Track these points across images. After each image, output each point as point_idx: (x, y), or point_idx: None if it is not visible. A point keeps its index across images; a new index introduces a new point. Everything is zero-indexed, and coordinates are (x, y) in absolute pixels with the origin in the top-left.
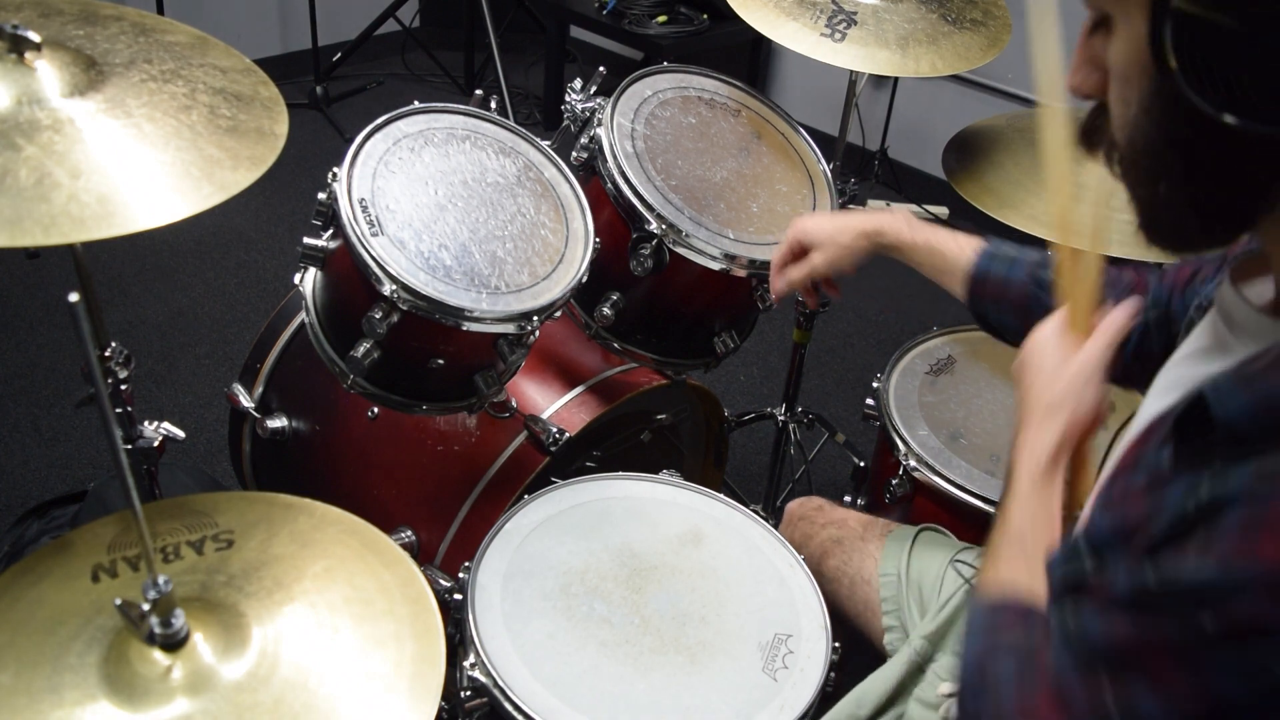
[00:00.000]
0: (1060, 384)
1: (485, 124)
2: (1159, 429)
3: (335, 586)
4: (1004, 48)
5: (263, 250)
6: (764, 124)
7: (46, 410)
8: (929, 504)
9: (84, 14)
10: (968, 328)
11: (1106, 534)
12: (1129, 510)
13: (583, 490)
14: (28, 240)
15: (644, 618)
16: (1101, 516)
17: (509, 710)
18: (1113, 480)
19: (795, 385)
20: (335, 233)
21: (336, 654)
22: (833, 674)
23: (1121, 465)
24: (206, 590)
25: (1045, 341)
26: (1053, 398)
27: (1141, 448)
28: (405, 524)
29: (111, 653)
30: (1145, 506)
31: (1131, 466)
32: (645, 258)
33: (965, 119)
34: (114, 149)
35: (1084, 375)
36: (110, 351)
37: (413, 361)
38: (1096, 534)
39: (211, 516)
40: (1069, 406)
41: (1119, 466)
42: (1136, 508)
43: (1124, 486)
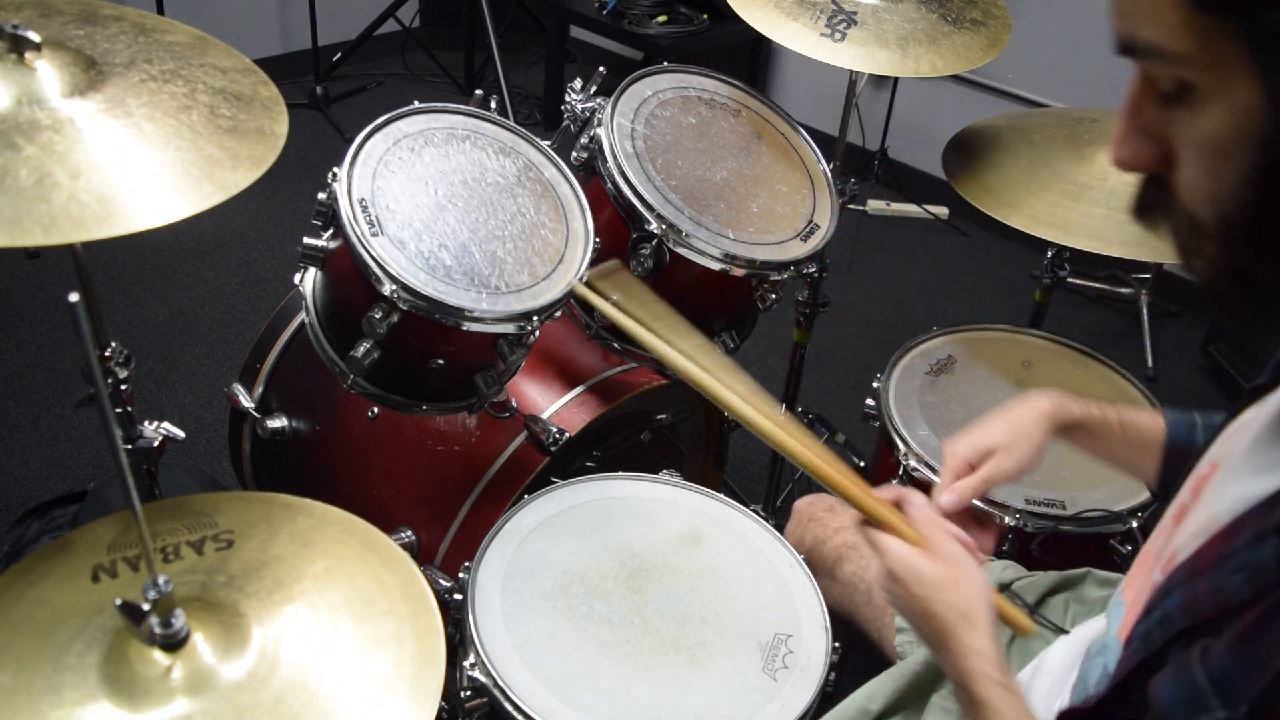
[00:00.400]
0: (954, 590)
1: (485, 124)
2: (1254, 521)
3: (335, 586)
4: (1004, 48)
5: (263, 250)
6: (764, 124)
7: (46, 410)
8: None
9: (84, 14)
10: (968, 327)
11: (1233, 670)
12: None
13: (583, 490)
14: (28, 240)
15: (644, 618)
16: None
17: (509, 710)
18: (1193, 575)
19: (795, 385)
20: (335, 233)
21: (336, 654)
22: (833, 674)
23: (1205, 556)
24: (206, 590)
25: (905, 558)
26: (959, 604)
27: (1231, 540)
28: (405, 524)
29: (111, 653)
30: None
31: (1220, 563)
32: (645, 258)
33: (965, 119)
34: (114, 149)
35: (959, 569)
36: (110, 351)
37: (413, 361)
38: (1218, 670)
39: (211, 516)
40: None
41: (1200, 558)
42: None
43: (1213, 585)
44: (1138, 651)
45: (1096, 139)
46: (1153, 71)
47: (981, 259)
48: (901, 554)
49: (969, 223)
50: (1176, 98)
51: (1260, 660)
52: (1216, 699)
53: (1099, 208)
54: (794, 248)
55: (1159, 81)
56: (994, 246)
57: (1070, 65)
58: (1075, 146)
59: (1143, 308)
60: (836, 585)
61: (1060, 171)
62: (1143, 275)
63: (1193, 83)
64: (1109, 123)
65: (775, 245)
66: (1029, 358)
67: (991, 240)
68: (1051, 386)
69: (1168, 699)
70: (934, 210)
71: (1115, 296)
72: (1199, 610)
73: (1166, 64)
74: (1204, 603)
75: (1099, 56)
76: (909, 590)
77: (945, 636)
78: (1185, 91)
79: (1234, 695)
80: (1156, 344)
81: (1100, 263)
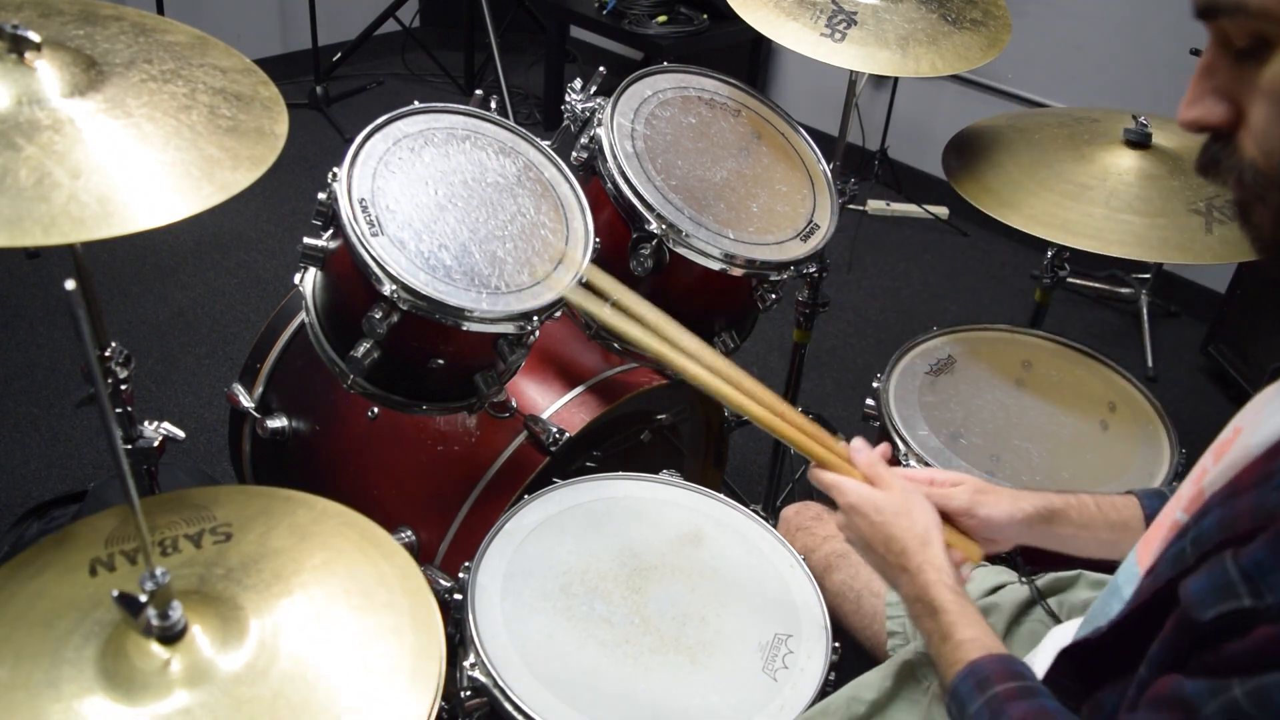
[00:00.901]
0: (908, 516)
1: (485, 124)
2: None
3: (334, 579)
4: (1004, 48)
5: (263, 250)
6: (764, 124)
7: (46, 410)
8: None
9: (84, 14)
10: (968, 327)
11: (1266, 560)
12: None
13: (583, 490)
14: (28, 240)
15: (644, 618)
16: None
17: (509, 710)
18: (1233, 495)
19: (795, 385)
20: (335, 233)
21: (335, 646)
22: (833, 674)
23: (1244, 480)
24: (205, 583)
25: (862, 491)
26: (915, 527)
27: (1272, 462)
28: (405, 524)
29: (109, 646)
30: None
31: (1262, 481)
32: (645, 258)
33: (965, 119)
34: (114, 149)
35: (910, 498)
36: (110, 351)
37: (413, 361)
38: (1250, 562)
39: (210, 510)
40: (929, 526)
41: (1239, 480)
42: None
43: (1256, 503)
44: (1165, 572)
45: (1096, 139)
46: (1229, 29)
47: (981, 259)
48: (858, 488)
49: (969, 223)
50: (1251, 53)
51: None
52: (1245, 588)
53: (1099, 208)
54: (794, 248)
55: (1235, 39)
56: (994, 246)
57: (1070, 65)
58: (1075, 146)
59: (1143, 308)
60: (826, 594)
61: (1060, 171)
62: (1143, 275)
63: (1269, 35)
64: (1109, 122)
65: (775, 245)
66: (1029, 358)
67: (991, 240)
68: (1051, 386)
69: (1196, 589)
70: (934, 210)
71: (1115, 296)
72: (1238, 525)
73: (1246, 19)
74: (1244, 518)
75: (1099, 56)
76: (869, 519)
77: (904, 555)
78: (1261, 46)
79: (1262, 587)
80: (1156, 344)
81: (1100, 263)
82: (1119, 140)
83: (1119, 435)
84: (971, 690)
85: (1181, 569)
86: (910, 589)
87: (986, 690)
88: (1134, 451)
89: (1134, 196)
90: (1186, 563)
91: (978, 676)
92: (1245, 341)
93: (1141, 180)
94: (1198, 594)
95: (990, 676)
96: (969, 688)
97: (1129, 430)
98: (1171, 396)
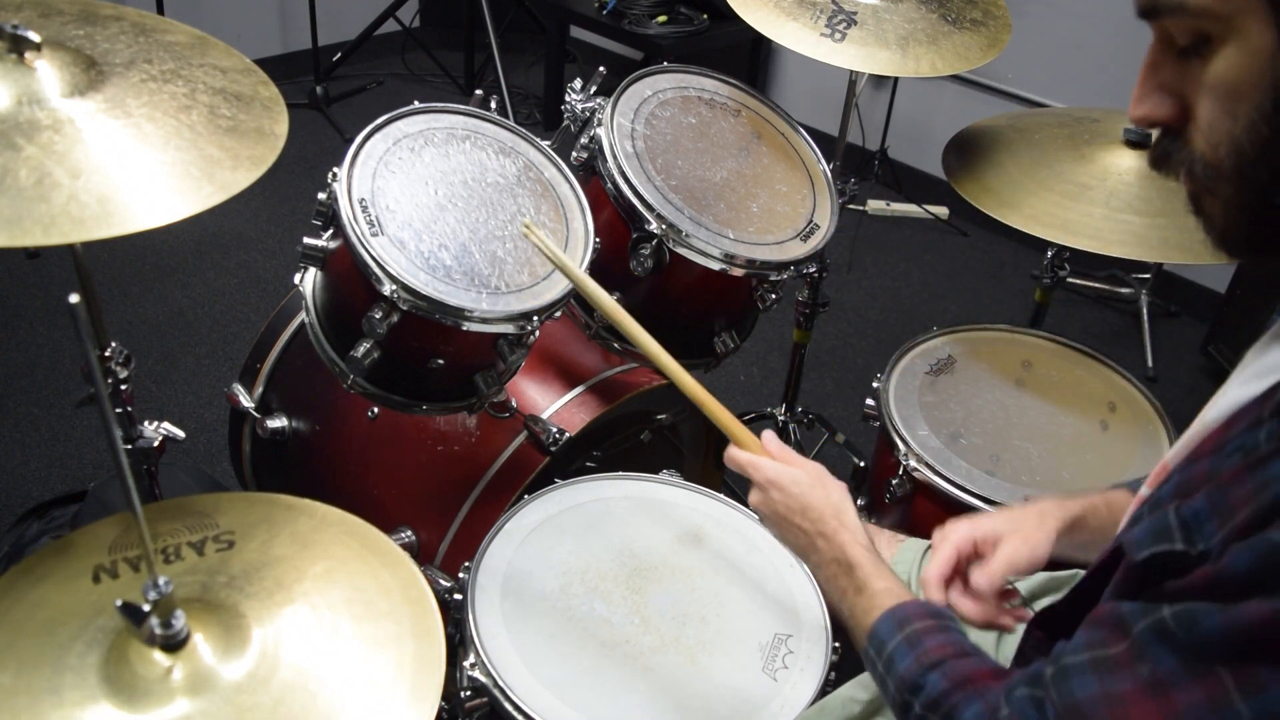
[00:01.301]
0: (823, 487)
1: (485, 124)
2: (1248, 414)
3: (336, 588)
4: (1004, 48)
5: (263, 250)
6: (764, 124)
7: (46, 410)
8: (929, 504)
9: (84, 14)
10: (968, 328)
11: (1202, 511)
12: (1229, 489)
13: (583, 490)
14: (28, 240)
15: (644, 618)
16: (1190, 497)
17: (509, 710)
18: (1191, 462)
19: (795, 385)
20: (335, 233)
21: (336, 655)
22: (833, 674)
23: (1201, 449)
24: (207, 591)
25: (778, 467)
26: (831, 498)
27: (1227, 432)
28: (405, 524)
29: (112, 653)
30: (1250, 484)
31: (1217, 450)
32: (645, 258)
33: (965, 119)
34: (114, 149)
35: (822, 473)
36: (110, 351)
37: (413, 361)
38: (1189, 511)
39: (213, 517)
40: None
41: (1198, 450)
42: (1239, 486)
43: (1210, 467)
44: (1125, 530)
45: (1096, 139)
46: (1171, 28)
47: (981, 259)
48: (774, 465)
49: (969, 223)
50: (1193, 50)
51: (1228, 509)
52: (1180, 534)
53: (1099, 208)
54: (794, 248)
55: (1177, 37)
56: (994, 246)
57: (1070, 65)
58: (1075, 146)
59: (1143, 308)
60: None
61: (1060, 171)
62: (1143, 275)
63: (1209, 33)
64: (1109, 122)
65: (775, 245)
66: (1029, 358)
67: (991, 240)
68: (1051, 386)
69: (1138, 535)
70: (934, 210)
71: (1115, 296)
72: (1190, 487)
73: (1186, 18)
74: (1196, 481)
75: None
76: (786, 491)
77: (820, 521)
78: (1202, 43)
79: (1195, 535)
80: (1156, 344)
81: (1100, 263)
82: (1119, 140)
83: (1119, 435)
84: (891, 628)
85: (1133, 521)
86: (828, 551)
87: (905, 627)
88: (1134, 451)
89: (1134, 196)
90: (1139, 516)
91: (897, 617)
92: (1245, 342)
93: (1141, 180)
94: (1138, 538)
95: (909, 616)
96: (889, 627)
97: (1129, 430)
98: (1171, 396)
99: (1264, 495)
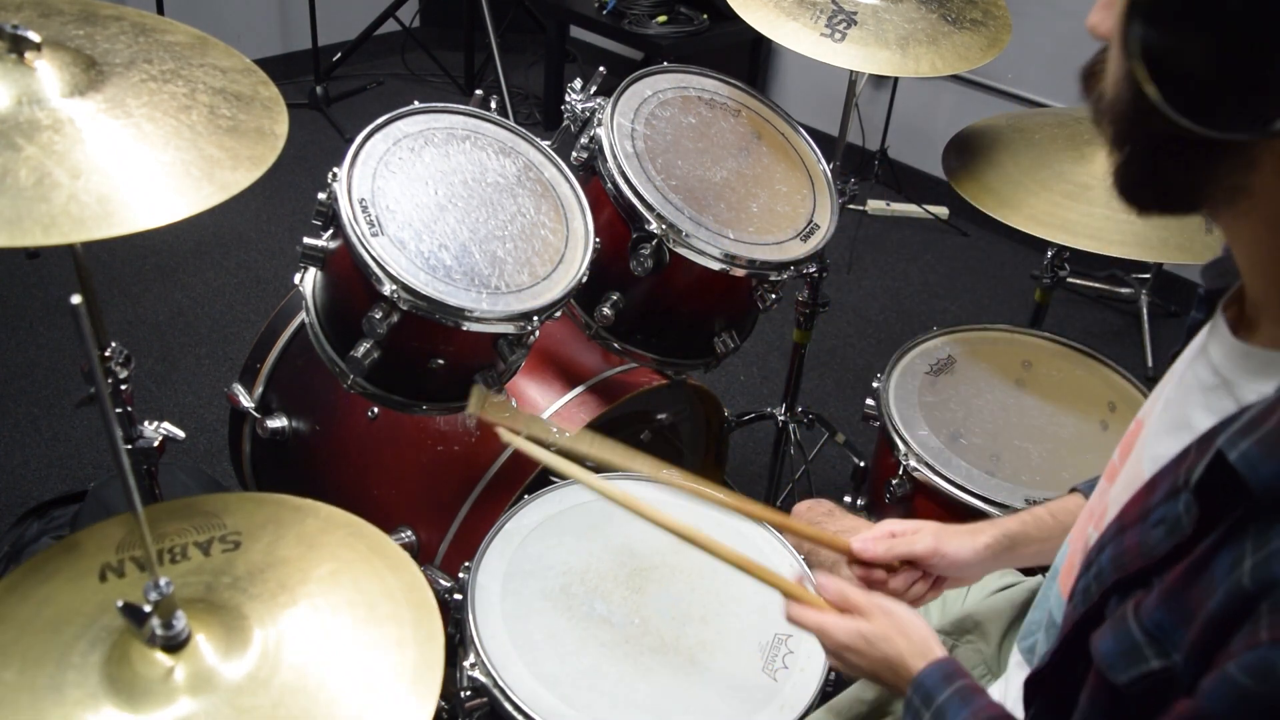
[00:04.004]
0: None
1: (485, 124)
2: (1167, 477)
3: (339, 590)
4: (1004, 48)
5: (263, 250)
6: (764, 124)
7: (46, 410)
8: (929, 504)
9: (84, 14)
10: (968, 328)
11: (1165, 622)
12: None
13: (583, 490)
14: (28, 240)
15: (644, 618)
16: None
17: (509, 710)
18: (1121, 529)
19: (795, 385)
20: (335, 233)
21: (337, 658)
22: (833, 674)
23: (1129, 514)
24: (211, 591)
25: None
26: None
27: (1149, 495)
28: (405, 524)
29: (114, 652)
30: (1197, 586)
31: (1142, 518)
32: (645, 258)
33: (965, 119)
34: (114, 149)
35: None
36: (110, 351)
37: (413, 361)
38: (1151, 623)
39: (220, 518)
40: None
41: (1126, 514)
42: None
43: (1139, 540)
44: (1079, 607)
45: (1096, 139)
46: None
47: (981, 259)
48: (843, 625)
49: (969, 223)
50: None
51: (1188, 613)
52: (1151, 650)
53: (1099, 208)
54: (794, 248)
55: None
56: (994, 246)
57: (1070, 65)
58: (1075, 146)
59: (1143, 308)
60: None
61: (1060, 171)
62: (1143, 275)
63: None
64: None
65: (775, 245)
66: (1029, 358)
67: (991, 240)
68: (1051, 386)
69: (1107, 651)
70: (934, 210)
71: (1115, 296)
72: (1127, 563)
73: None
74: (1131, 556)
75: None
76: (865, 654)
77: (912, 673)
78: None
79: (1167, 646)
80: (1156, 344)
81: (1100, 263)
82: None
83: (1119, 435)
84: (939, 680)
85: (1089, 605)
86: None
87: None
88: None
89: None
90: (1093, 599)
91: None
92: None
93: None
94: (1109, 657)
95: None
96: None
97: None
98: None
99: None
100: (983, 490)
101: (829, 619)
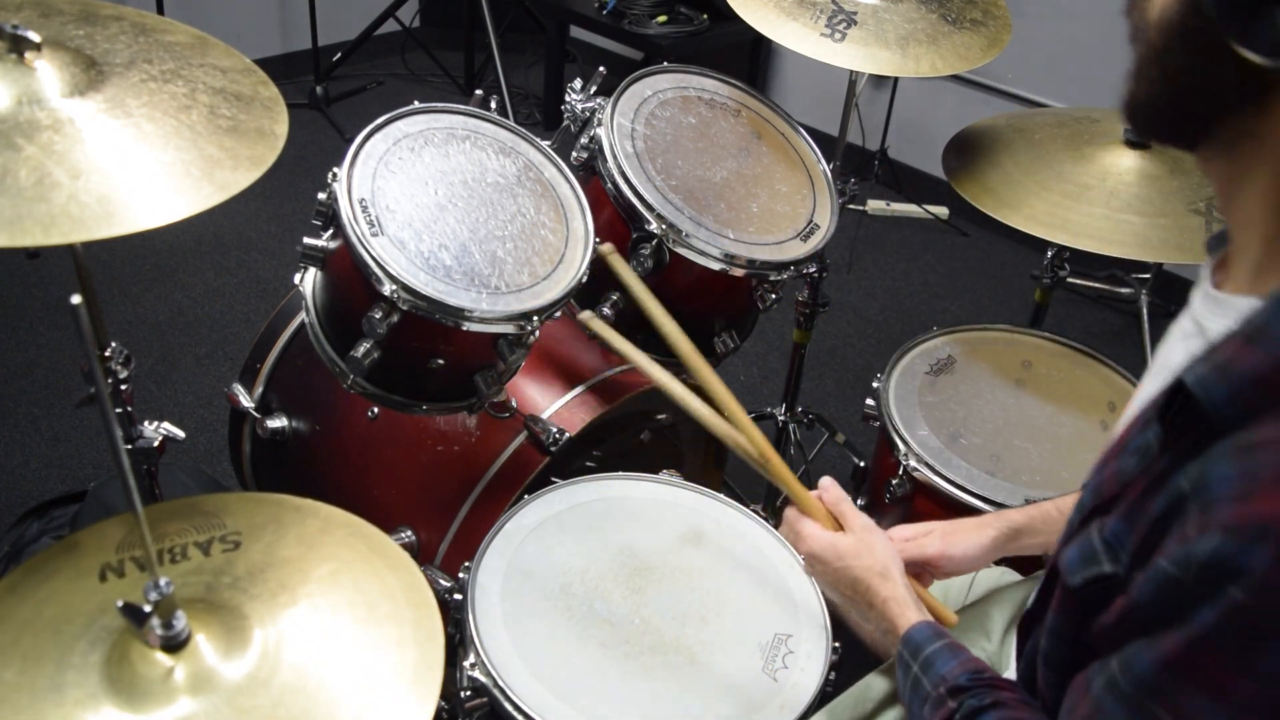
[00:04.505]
0: (869, 554)
1: (485, 124)
2: (1146, 413)
3: (340, 590)
4: (1004, 48)
5: (263, 250)
6: (764, 124)
7: (46, 410)
8: (929, 504)
9: (84, 14)
10: (968, 328)
11: (1121, 530)
12: (1139, 505)
13: (583, 490)
14: (28, 240)
15: (644, 618)
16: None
17: (509, 710)
18: (1104, 464)
19: (795, 385)
20: (335, 233)
21: (337, 658)
22: (833, 674)
23: (1113, 450)
24: (211, 591)
25: (822, 539)
26: (874, 565)
27: (1132, 431)
28: (405, 524)
29: (114, 652)
30: (1151, 503)
31: (1122, 449)
32: (645, 258)
33: (965, 119)
34: (114, 149)
35: (868, 536)
36: (110, 351)
37: (413, 361)
38: (1110, 532)
39: (220, 518)
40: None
41: (1112, 449)
42: (1146, 500)
43: (1117, 469)
44: (1062, 540)
45: (1096, 139)
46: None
47: (981, 259)
48: (818, 536)
49: (969, 223)
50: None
51: (1140, 519)
52: (1105, 555)
53: (1099, 208)
54: (794, 248)
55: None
56: (994, 246)
57: (1070, 65)
58: (1075, 146)
59: (1143, 308)
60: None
61: (1060, 171)
62: (1143, 275)
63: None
64: (1109, 122)
65: (775, 245)
66: (1029, 358)
67: (991, 240)
68: (1051, 386)
69: (1069, 559)
70: (934, 210)
71: (1115, 296)
72: (1104, 490)
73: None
74: (1109, 484)
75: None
76: (831, 565)
77: (869, 592)
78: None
79: (1119, 553)
80: (1156, 344)
81: (1100, 263)
82: (1119, 140)
83: None
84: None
85: (1069, 533)
86: (879, 623)
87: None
88: None
89: (1134, 196)
90: (1073, 528)
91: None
92: None
93: (1141, 180)
94: (1069, 563)
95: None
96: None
97: None
98: None
99: (1154, 510)
100: (983, 490)
101: (810, 525)
